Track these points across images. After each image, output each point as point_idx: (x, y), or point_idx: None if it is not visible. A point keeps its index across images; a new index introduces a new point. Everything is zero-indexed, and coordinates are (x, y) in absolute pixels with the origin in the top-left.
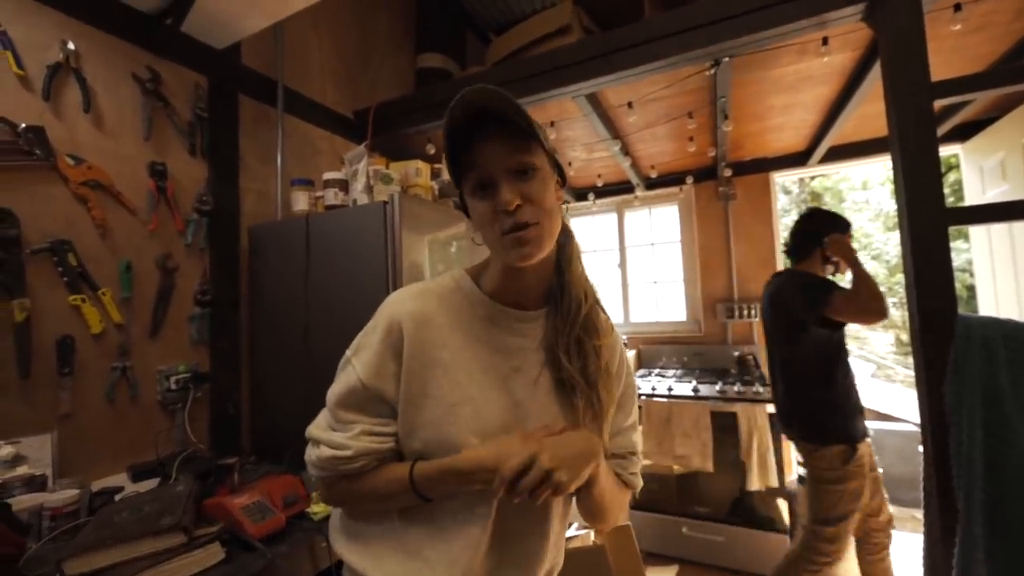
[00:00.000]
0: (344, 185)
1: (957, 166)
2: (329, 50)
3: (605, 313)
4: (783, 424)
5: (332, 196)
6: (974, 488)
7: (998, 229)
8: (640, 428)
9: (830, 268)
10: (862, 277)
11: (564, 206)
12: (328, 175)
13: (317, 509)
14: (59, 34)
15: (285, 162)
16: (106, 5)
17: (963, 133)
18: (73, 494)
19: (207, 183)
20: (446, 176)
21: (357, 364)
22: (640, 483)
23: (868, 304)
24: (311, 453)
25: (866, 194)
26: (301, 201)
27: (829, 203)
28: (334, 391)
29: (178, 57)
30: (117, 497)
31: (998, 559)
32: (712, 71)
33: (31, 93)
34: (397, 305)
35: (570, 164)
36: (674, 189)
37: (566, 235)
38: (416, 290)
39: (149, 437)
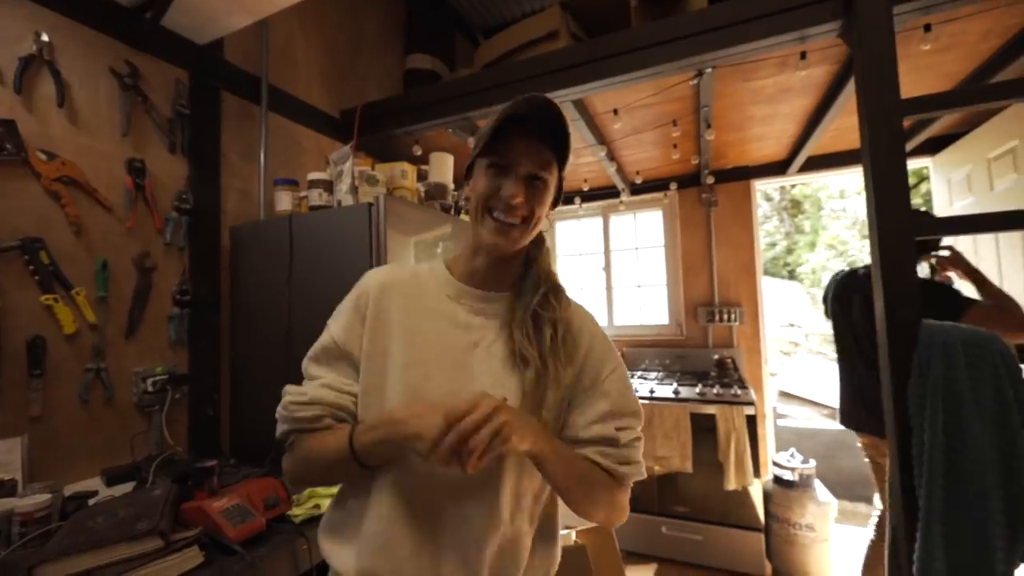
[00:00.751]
0: (329, 186)
1: (928, 177)
2: (316, 48)
3: (580, 307)
4: (864, 421)
5: (316, 197)
6: (935, 487)
7: (962, 240)
8: (639, 428)
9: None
10: (999, 293)
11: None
12: (312, 175)
13: (298, 511)
14: (33, 25)
15: (269, 161)
16: None
17: (933, 146)
18: (44, 499)
19: (187, 181)
20: (432, 178)
21: (332, 325)
22: (631, 473)
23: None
24: (278, 408)
25: (843, 202)
26: (284, 201)
27: (808, 210)
28: (310, 351)
29: (158, 51)
30: (91, 502)
31: (956, 556)
32: (696, 81)
33: (2, 86)
34: (369, 276)
35: None
36: (658, 195)
37: (539, 240)
38: (390, 266)
39: (124, 440)
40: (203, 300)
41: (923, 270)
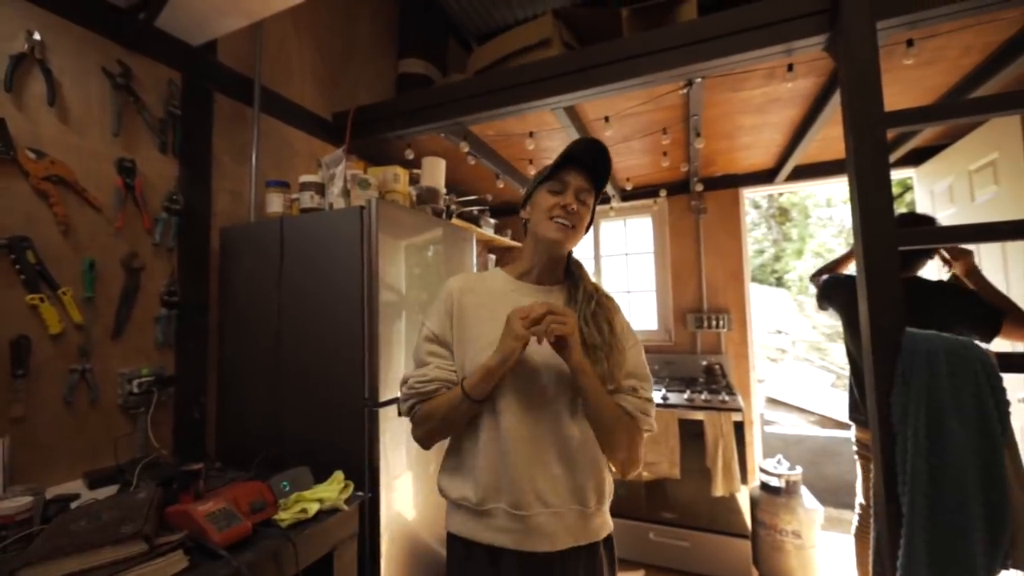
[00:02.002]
0: (320, 188)
1: (913, 187)
2: (310, 51)
3: (613, 298)
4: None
5: (308, 199)
6: (917, 494)
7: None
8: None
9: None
10: (1003, 296)
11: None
12: (304, 178)
13: (284, 516)
14: (25, 24)
15: (260, 163)
16: None
17: (917, 157)
18: (26, 501)
19: (178, 181)
20: (424, 182)
21: (428, 323)
22: (647, 421)
23: None
24: (401, 390)
25: (830, 211)
26: (275, 203)
27: (796, 218)
28: (415, 347)
29: (151, 52)
30: (73, 505)
31: (938, 562)
32: (685, 90)
33: None
34: (450, 283)
35: None
36: (648, 201)
37: (577, 262)
38: (464, 274)
39: (108, 442)
40: (191, 301)
41: (938, 273)
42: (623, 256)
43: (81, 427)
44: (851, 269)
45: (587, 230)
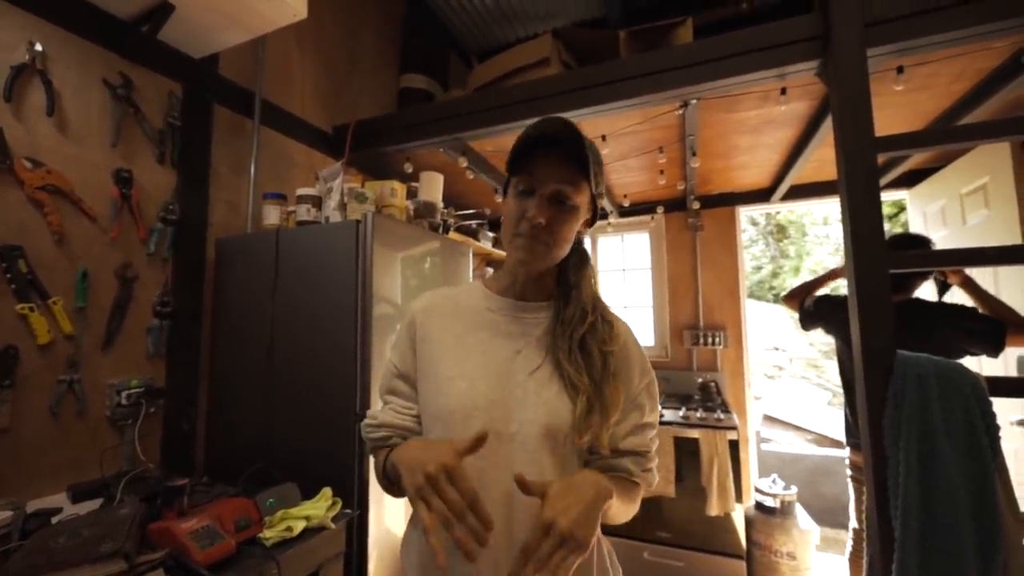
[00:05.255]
0: (317, 201)
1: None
2: (312, 64)
3: (620, 321)
4: None
5: (304, 212)
6: (910, 517)
7: None
8: (655, 432)
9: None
10: (1004, 306)
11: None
12: (301, 191)
13: (270, 534)
14: (26, 35)
15: (259, 174)
16: (79, 9)
17: (911, 179)
18: (5, 516)
19: (175, 192)
20: (422, 197)
21: (391, 354)
22: (654, 479)
23: None
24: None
25: (827, 229)
26: (272, 215)
27: (793, 236)
28: (381, 383)
29: (153, 64)
30: (54, 519)
31: None
32: (681, 111)
33: None
34: (415, 303)
35: None
36: (645, 218)
37: (579, 255)
38: (432, 292)
39: (94, 455)
40: (184, 312)
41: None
42: (620, 272)
43: (66, 439)
44: (830, 288)
45: (592, 222)
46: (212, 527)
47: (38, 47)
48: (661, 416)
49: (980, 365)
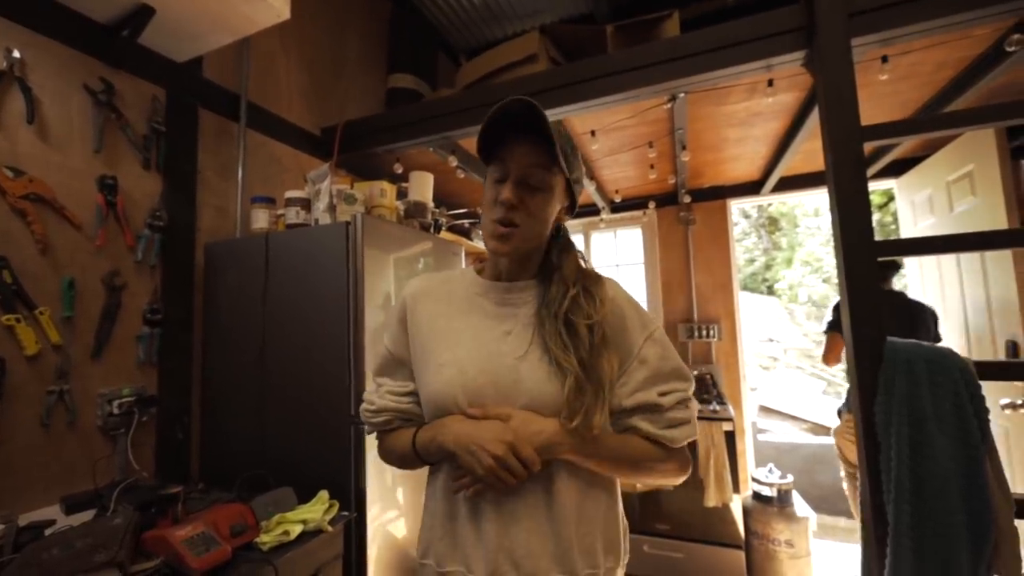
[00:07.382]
0: (306, 204)
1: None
2: (298, 66)
3: (608, 281)
4: None
5: (294, 215)
6: (902, 502)
7: (927, 259)
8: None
9: None
10: None
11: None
12: (290, 193)
13: (266, 539)
14: (3, 42)
15: (247, 178)
16: (57, 15)
17: (898, 168)
18: None
19: (162, 198)
20: (412, 196)
21: (385, 337)
22: (679, 437)
23: None
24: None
25: (818, 220)
26: (261, 219)
27: (785, 228)
28: (374, 364)
29: (135, 69)
30: (47, 532)
31: (924, 572)
32: (670, 104)
33: None
34: (407, 288)
35: None
36: (638, 213)
37: (563, 241)
38: (425, 276)
39: (87, 466)
40: (175, 318)
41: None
42: (614, 267)
43: (58, 450)
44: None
45: (571, 210)
46: (207, 533)
47: (16, 54)
48: None
49: (969, 349)
